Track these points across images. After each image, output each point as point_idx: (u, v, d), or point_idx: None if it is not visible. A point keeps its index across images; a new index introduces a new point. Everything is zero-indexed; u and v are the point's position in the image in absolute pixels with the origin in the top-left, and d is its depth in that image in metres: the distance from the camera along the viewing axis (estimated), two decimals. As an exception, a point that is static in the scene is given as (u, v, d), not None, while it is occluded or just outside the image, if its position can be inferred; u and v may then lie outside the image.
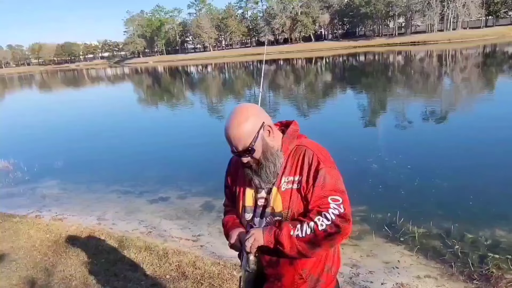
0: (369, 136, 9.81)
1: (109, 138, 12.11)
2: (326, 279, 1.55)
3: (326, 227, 1.37)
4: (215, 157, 8.44)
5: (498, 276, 3.45)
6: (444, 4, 66.32)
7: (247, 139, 1.40)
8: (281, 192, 1.46)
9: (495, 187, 5.60)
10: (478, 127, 9.44)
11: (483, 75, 21.08)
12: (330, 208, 1.38)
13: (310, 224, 1.38)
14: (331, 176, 1.42)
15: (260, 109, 1.48)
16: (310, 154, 1.45)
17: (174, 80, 40.96)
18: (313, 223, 1.38)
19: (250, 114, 1.42)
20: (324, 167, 1.42)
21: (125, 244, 4.23)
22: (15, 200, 6.70)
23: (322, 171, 1.41)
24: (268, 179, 1.45)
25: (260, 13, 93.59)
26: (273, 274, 1.52)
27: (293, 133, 1.52)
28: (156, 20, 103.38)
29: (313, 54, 58.85)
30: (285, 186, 1.46)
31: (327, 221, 1.37)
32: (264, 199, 1.50)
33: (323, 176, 1.41)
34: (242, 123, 1.40)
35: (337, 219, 1.38)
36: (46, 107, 23.88)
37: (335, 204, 1.39)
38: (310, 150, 1.46)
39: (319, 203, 1.40)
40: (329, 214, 1.38)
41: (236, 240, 1.49)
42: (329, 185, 1.41)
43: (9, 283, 3.51)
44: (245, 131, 1.40)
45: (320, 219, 1.38)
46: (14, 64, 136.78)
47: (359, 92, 19.42)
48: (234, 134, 1.40)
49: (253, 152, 1.42)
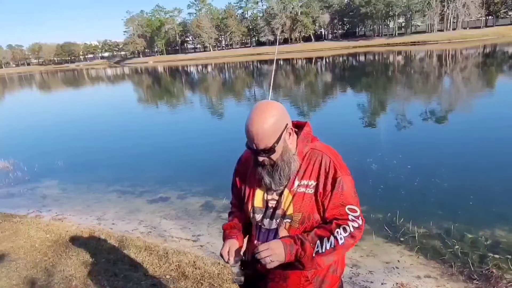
0: (369, 136, 9.81)
1: (109, 138, 12.12)
2: (331, 280, 1.55)
3: (345, 240, 1.39)
4: (215, 157, 8.46)
5: (498, 276, 3.45)
6: (444, 4, 66.35)
7: (270, 139, 1.36)
8: (293, 195, 1.44)
9: (495, 187, 5.59)
10: (478, 127, 9.45)
11: (483, 75, 21.08)
12: (349, 220, 1.40)
13: (330, 239, 1.38)
14: (348, 185, 1.43)
15: (284, 108, 1.43)
16: (327, 161, 1.43)
17: (174, 80, 40.96)
18: (333, 238, 1.38)
19: (276, 113, 1.37)
20: (342, 175, 1.42)
21: (125, 244, 4.23)
22: (15, 200, 6.70)
23: (340, 179, 1.41)
24: (280, 182, 1.43)
25: (260, 13, 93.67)
26: (278, 275, 1.51)
27: (307, 136, 1.50)
28: (156, 20, 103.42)
29: (313, 54, 58.87)
30: (298, 189, 1.44)
31: (345, 233, 1.39)
32: (275, 201, 1.48)
33: (341, 184, 1.41)
34: (267, 121, 1.34)
35: (355, 231, 1.40)
36: (46, 107, 23.88)
37: (353, 216, 1.41)
38: (327, 156, 1.45)
39: (337, 212, 1.41)
40: (348, 227, 1.40)
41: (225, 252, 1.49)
42: (347, 193, 1.42)
43: (9, 283, 3.51)
44: (270, 131, 1.35)
45: (339, 232, 1.39)
46: (14, 64, 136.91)
47: (359, 92, 19.42)
48: (257, 132, 1.34)
49: (273, 153, 1.39)
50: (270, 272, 1.51)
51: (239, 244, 1.54)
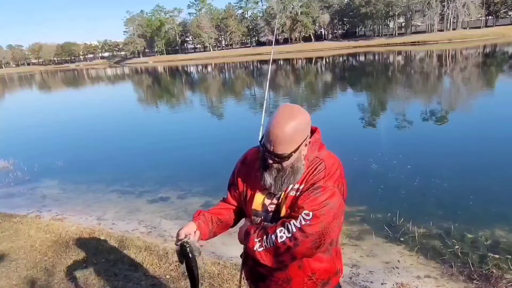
0: (369, 136, 9.82)
1: (109, 138, 12.12)
2: (333, 281, 1.57)
3: (285, 239, 1.33)
4: (215, 157, 8.46)
5: (498, 276, 3.45)
6: (444, 4, 66.36)
7: (289, 147, 1.34)
8: (287, 198, 1.44)
9: (495, 187, 5.60)
10: (478, 127, 9.45)
11: (483, 75, 21.08)
12: (295, 221, 1.33)
13: (271, 237, 1.36)
14: (324, 196, 1.34)
15: (310, 118, 1.40)
16: (321, 168, 1.41)
17: (174, 80, 40.96)
18: (274, 235, 1.36)
19: (303, 123, 1.36)
20: (325, 185, 1.36)
21: (125, 244, 4.23)
22: (15, 200, 6.70)
23: (319, 186, 1.36)
24: (281, 188, 1.42)
25: (260, 13, 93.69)
26: (282, 277, 1.51)
27: (316, 143, 1.47)
28: (156, 20, 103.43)
29: (313, 54, 58.87)
30: (290, 193, 1.44)
31: (288, 233, 1.33)
32: (274, 205, 1.48)
33: (316, 190, 1.35)
34: (292, 128, 1.32)
35: (298, 232, 1.32)
36: (46, 107, 23.88)
37: (302, 218, 1.32)
38: (323, 165, 1.42)
39: (295, 211, 1.36)
40: (291, 225, 1.33)
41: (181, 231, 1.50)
42: (315, 201, 1.33)
43: (9, 283, 3.51)
44: (292, 139, 1.33)
45: (282, 230, 1.34)
46: (14, 64, 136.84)
47: (359, 92, 19.42)
48: (279, 136, 1.32)
49: (288, 159, 1.36)
50: (272, 275, 1.51)
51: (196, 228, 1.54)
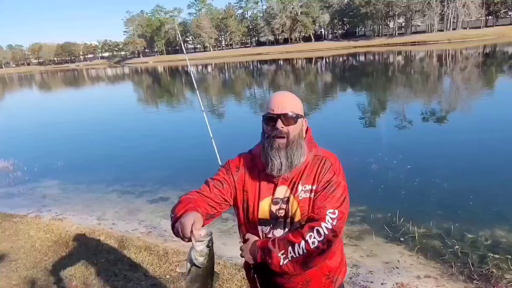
0: (369, 136, 9.81)
1: (109, 138, 12.12)
2: (342, 279, 1.60)
3: (318, 244, 1.33)
4: (215, 157, 8.45)
5: (498, 276, 3.45)
6: (444, 4, 66.35)
7: (296, 108, 1.44)
8: (298, 201, 1.43)
9: (495, 187, 5.60)
10: (478, 127, 9.45)
11: (483, 75, 21.07)
12: (324, 222, 1.34)
13: (301, 245, 1.33)
14: (340, 191, 1.41)
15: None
16: (328, 166, 1.45)
17: (174, 80, 40.96)
18: (304, 243, 1.33)
19: (298, 98, 1.51)
20: (336, 180, 1.42)
21: (125, 244, 4.23)
22: (15, 200, 6.70)
23: (333, 182, 1.41)
24: (291, 166, 1.42)
25: (260, 13, 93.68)
26: (301, 281, 1.49)
27: (311, 141, 1.51)
28: (156, 20, 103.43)
29: (313, 54, 58.85)
30: (303, 195, 1.43)
31: (319, 237, 1.33)
32: (283, 210, 1.45)
33: (332, 188, 1.40)
34: (294, 95, 1.48)
35: (330, 234, 1.33)
36: (46, 107, 23.87)
37: (330, 218, 1.35)
38: (328, 161, 1.46)
39: (318, 213, 1.38)
40: (322, 228, 1.33)
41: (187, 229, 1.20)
42: (334, 197, 1.39)
43: (9, 283, 3.51)
44: (297, 101, 1.47)
45: (312, 235, 1.33)
46: (14, 64, 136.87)
47: (359, 92, 19.42)
48: (285, 97, 1.45)
49: (294, 124, 1.42)
50: (291, 281, 1.49)
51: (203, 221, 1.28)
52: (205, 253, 1.21)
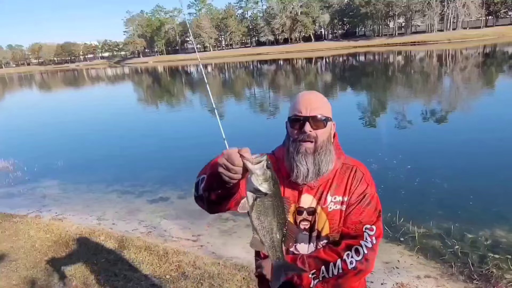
0: (369, 136, 9.81)
1: (109, 138, 12.12)
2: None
3: (356, 264, 1.25)
4: (215, 157, 8.45)
5: (498, 276, 3.45)
6: (444, 4, 66.36)
7: (326, 110, 1.34)
8: (327, 213, 1.32)
9: (495, 187, 5.60)
10: (478, 127, 9.45)
11: (483, 75, 21.07)
12: (362, 240, 1.28)
13: (337, 264, 1.24)
14: (374, 204, 1.34)
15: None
16: (360, 176, 1.36)
17: (174, 80, 40.96)
18: (340, 262, 1.24)
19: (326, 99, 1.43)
20: (371, 192, 1.35)
21: (125, 244, 4.23)
22: (15, 200, 6.70)
23: (368, 195, 1.33)
24: (319, 173, 1.29)
25: (260, 13, 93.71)
26: None
27: (338, 147, 1.41)
28: (156, 20, 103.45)
29: (313, 54, 58.85)
30: (333, 207, 1.32)
31: (358, 256, 1.26)
32: (308, 222, 1.34)
33: (367, 200, 1.32)
34: (323, 97, 1.39)
35: (369, 253, 1.27)
36: (46, 107, 23.86)
37: (368, 235, 1.28)
38: (359, 171, 1.37)
39: (353, 229, 1.30)
40: (362, 248, 1.26)
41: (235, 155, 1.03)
42: (369, 211, 1.31)
43: (9, 283, 3.51)
44: (325, 103, 1.37)
45: (350, 254, 1.25)
46: (14, 64, 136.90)
47: (359, 92, 19.42)
48: (313, 98, 1.34)
49: (324, 126, 1.30)
50: None
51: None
52: (269, 176, 1.03)
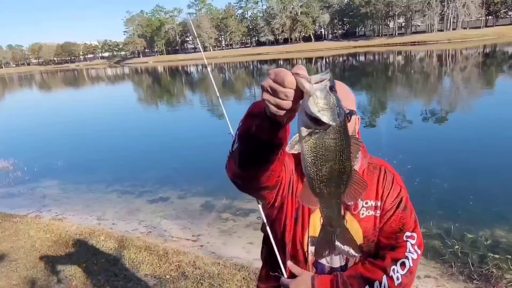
0: (369, 136, 9.80)
1: (109, 138, 12.12)
2: None
3: (402, 279, 1.12)
4: (215, 157, 8.45)
5: (498, 276, 3.45)
6: (444, 4, 66.38)
7: (351, 102, 1.20)
8: (359, 220, 1.18)
9: (495, 187, 5.59)
10: (478, 127, 9.44)
11: (483, 75, 21.07)
12: (407, 251, 1.15)
13: (383, 283, 1.11)
14: (410, 206, 1.22)
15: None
16: (391, 178, 1.23)
17: (174, 80, 40.96)
18: (386, 279, 1.11)
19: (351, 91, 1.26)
20: (405, 194, 1.23)
21: (125, 244, 4.23)
22: (15, 200, 6.70)
23: (403, 198, 1.21)
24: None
25: (260, 13, 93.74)
26: None
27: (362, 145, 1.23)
28: (156, 20, 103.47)
29: (313, 54, 58.84)
30: (365, 213, 1.18)
31: (403, 270, 1.13)
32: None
33: (403, 205, 1.20)
34: (347, 88, 1.23)
35: (414, 265, 1.15)
36: (46, 107, 23.86)
37: (411, 245, 1.16)
38: (390, 173, 1.24)
39: (393, 238, 1.17)
40: (408, 260, 1.14)
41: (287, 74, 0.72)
42: (408, 216, 1.20)
43: (9, 283, 3.51)
44: (350, 94, 1.22)
45: (395, 269, 1.12)
46: (14, 64, 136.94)
47: (359, 92, 19.39)
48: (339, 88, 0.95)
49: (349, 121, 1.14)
50: None
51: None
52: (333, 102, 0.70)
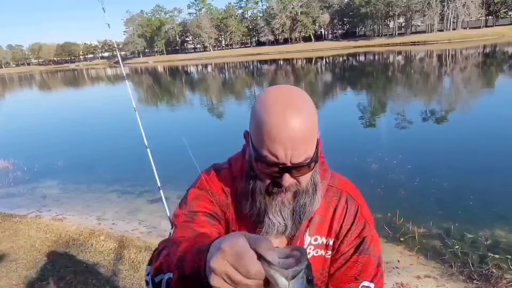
0: (369, 136, 9.81)
1: (109, 138, 12.12)
2: None
3: None
4: (215, 157, 8.44)
5: (498, 276, 3.45)
6: (444, 4, 66.38)
7: (313, 141, 0.81)
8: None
9: (495, 187, 5.59)
10: (478, 127, 9.45)
11: (483, 75, 21.07)
12: None
13: None
14: (375, 251, 0.99)
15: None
16: (354, 209, 0.98)
17: (174, 80, 40.95)
18: None
19: (313, 109, 0.83)
20: (370, 233, 1.00)
21: (125, 244, 4.23)
22: (15, 200, 6.70)
23: (367, 239, 0.98)
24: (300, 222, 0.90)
25: (260, 13, 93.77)
26: None
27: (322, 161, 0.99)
28: (156, 20, 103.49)
29: (313, 54, 58.85)
30: (312, 252, 0.95)
31: None
32: None
33: (366, 246, 0.97)
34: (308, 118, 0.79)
35: None
36: (46, 107, 23.87)
37: None
38: (352, 200, 0.99)
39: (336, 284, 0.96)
40: None
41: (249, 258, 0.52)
42: (368, 263, 0.97)
43: (9, 283, 3.51)
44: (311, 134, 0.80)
45: None
46: (14, 64, 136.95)
47: (359, 92, 19.41)
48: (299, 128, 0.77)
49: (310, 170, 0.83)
50: None
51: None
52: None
